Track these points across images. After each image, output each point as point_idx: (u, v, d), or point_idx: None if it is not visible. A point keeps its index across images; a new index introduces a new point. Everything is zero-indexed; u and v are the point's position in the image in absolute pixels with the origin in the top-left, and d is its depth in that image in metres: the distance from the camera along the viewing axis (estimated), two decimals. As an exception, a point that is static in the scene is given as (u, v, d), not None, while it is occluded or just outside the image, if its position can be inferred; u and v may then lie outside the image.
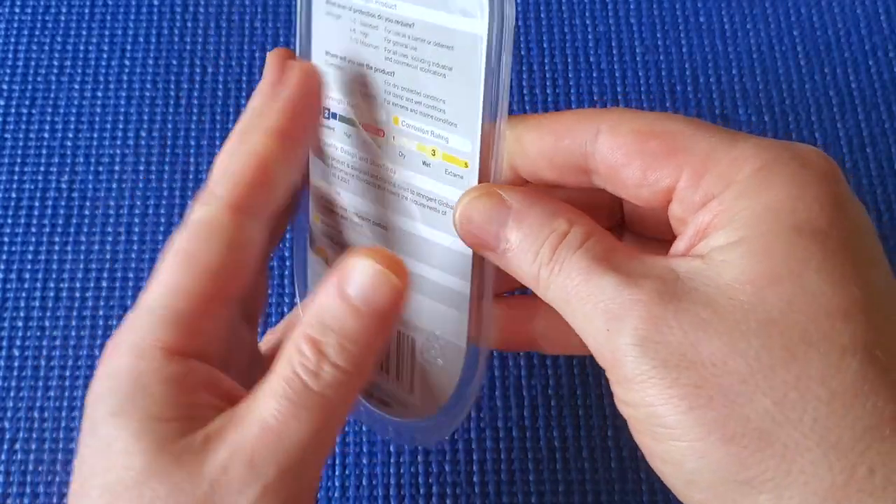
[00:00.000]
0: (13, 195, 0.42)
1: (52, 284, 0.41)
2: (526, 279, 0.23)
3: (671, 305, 0.20)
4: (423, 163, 0.25)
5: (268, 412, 0.22)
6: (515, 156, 0.25)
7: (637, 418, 0.21)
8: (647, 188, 0.23)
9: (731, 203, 0.21)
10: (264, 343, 0.31)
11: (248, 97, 0.44)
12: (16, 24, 0.46)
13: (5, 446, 0.38)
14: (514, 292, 0.30)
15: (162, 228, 0.42)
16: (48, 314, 0.40)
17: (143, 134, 0.44)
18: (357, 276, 0.23)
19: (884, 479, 0.18)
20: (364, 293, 0.22)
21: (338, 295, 0.23)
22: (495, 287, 0.26)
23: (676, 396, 0.20)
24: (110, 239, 0.42)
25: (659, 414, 0.20)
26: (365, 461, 0.37)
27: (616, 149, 0.23)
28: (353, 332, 0.22)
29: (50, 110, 0.44)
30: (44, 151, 0.43)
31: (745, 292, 0.20)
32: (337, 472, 0.37)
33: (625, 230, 0.29)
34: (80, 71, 0.45)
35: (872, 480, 0.18)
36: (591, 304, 0.21)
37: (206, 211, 0.24)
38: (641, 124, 0.23)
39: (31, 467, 0.37)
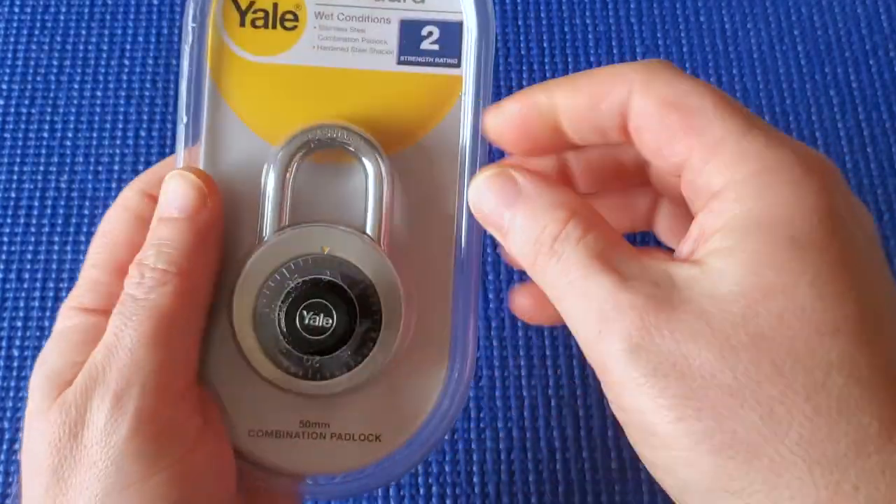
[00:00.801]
0: (13, 195, 0.42)
1: (51, 284, 0.41)
2: (524, 263, 0.24)
3: (664, 314, 0.20)
4: None
5: (107, 334, 0.24)
6: (555, 119, 0.25)
7: (630, 424, 0.21)
8: (661, 158, 0.23)
9: (730, 205, 0.21)
10: None
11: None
12: (15, 24, 0.46)
13: (5, 446, 0.38)
14: None
15: (161, 228, 0.42)
16: (48, 314, 0.40)
17: (143, 134, 0.44)
18: (165, 192, 0.26)
19: (867, 496, 0.19)
20: (171, 203, 0.26)
21: (156, 220, 0.26)
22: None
23: (665, 406, 0.20)
24: (110, 239, 0.42)
25: (649, 422, 0.20)
26: (365, 461, 0.38)
27: (640, 114, 0.23)
28: (169, 238, 0.25)
29: (49, 110, 0.44)
30: (43, 151, 0.43)
31: (737, 305, 0.20)
32: (337, 473, 0.37)
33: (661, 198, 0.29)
34: (79, 70, 0.45)
35: (857, 497, 0.19)
36: (584, 302, 0.21)
37: (123, 192, 0.27)
38: (669, 92, 0.23)
39: (30, 467, 0.37)
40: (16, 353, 0.39)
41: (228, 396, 0.27)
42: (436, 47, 0.28)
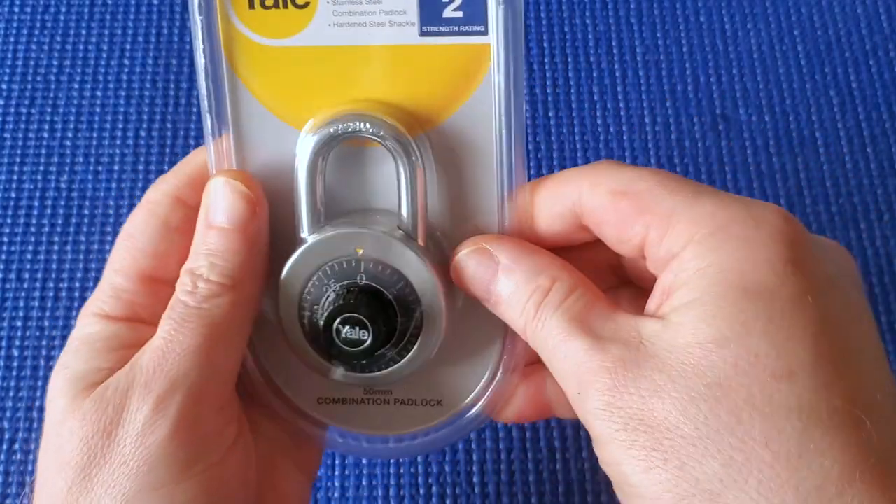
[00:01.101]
0: (13, 195, 0.42)
1: (51, 284, 0.41)
2: (517, 330, 0.25)
3: (631, 373, 0.22)
4: None
5: (157, 338, 0.25)
6: (535, 220, 0.27)
7: (612, 476, 0.22)
8: (624, 244, 0.24)
9: (687, 263, 0.22)
10: None
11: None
12: (15, 24, 0.46)
13: (5, 446, 0.38)
14: None
15: (161, 228, 0.42)
16: (48, 314, 0.40)
17: (143, 134, 0.44)
18: (212, 199, 0.26)
19: None
20: (219, 211, 0.25)
21: (204, 226, 0.26)
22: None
23: (635, 458, 0.21)
24: (110, 239, 0.42)
25: (624, 472, 0.21)
26: (365, 461, 0.37)
27: (594, 210, 0.25)
28: (221, 249, 0.25)
29: (49, 110, 0.44)
30: (43, 151, 0.43)
31: (694, 356, 0.21)
32: (337, 473, 0.37)
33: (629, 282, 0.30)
34: (79, 71, 0.45)
35: None
36: (566, 365, 0.23)
37: (151, 194, 0.27)
38: (617, 183, 0.24)
39: (30, 467, 0.37)
40: (16, 353, 0.39)
41: (293, 373, 0.28)
42: (459, 14, 0.26)
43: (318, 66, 0.26)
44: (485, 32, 0.26)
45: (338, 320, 0.26)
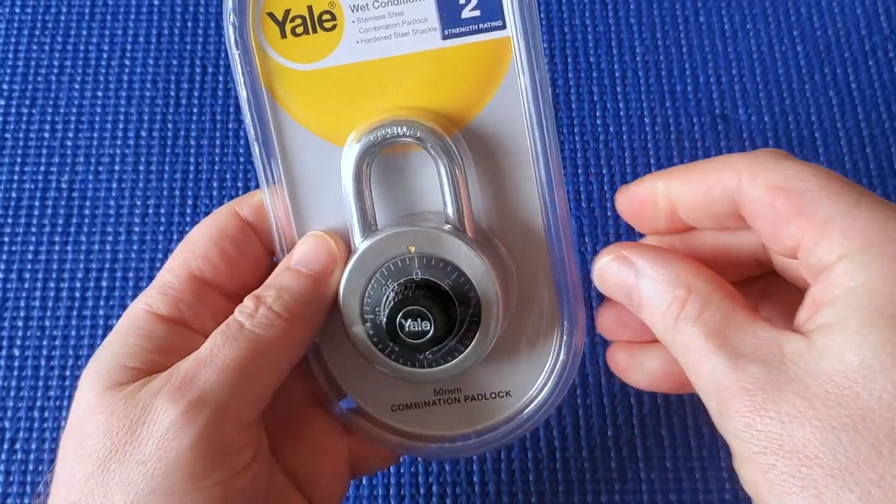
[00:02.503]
0: (13, 195, 0.42)
1: (52, 284, 0.41)
2: (656, 334, 0.25)
3: (772, 396, 0.22)
4: None
5: (203, 349, 0.25)
6: (672, 206, 0.27)
7: (748, 492, 0.23)
8: (777, 243, 0.24)
9: (837, 279, 0.22)
10: None
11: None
12: (16, 24, 0.46)
13: (5, 446, 0.38)
14: None
15: (162, 228, 0.42)
16: (48, 314, 0.40)
17: (143, 134, 0.44)
18: (299, 248, 0.28)
19: None
20: (303, 257, 0.27)
21: (283, 267, 0.28)
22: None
23: (773, 482, 0.21)
24: (110, 239, 0.42)
25: (761, 493, 0.22)
26: (365, 461, 0.38)
27: (751, 202, 0.24)
28: (291, 286, 0.27)
29: (50, 110, 0.44)
30: (44, 151, 0.43)
31: (839, 385, 0.21)
32: (337, 472, 0.37)
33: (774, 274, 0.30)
34: (80, 71, 0.45)
35: None
36: (704, 382, 0.23)
37: (216, 210, 0.29)
38: (776, 178, 0.24)
39: (31, 467, 0.37)
40: (16, 352, 0.39)
41: (364, 384, 0.29)
42: (477, 13, 0.27)
43: (350, 82, 0.28)
44: (503, 27, 0.27)
45: (399, 315, 0.27)
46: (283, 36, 0.27)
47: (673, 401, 0.38)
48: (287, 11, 0.27)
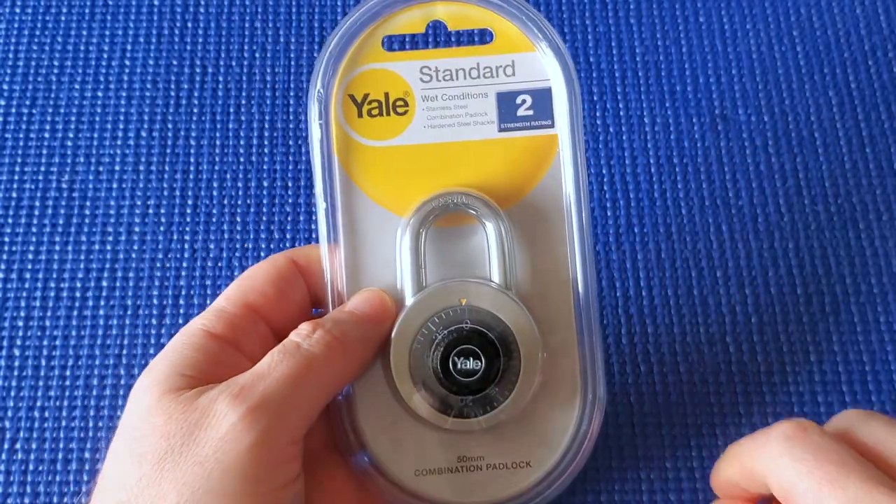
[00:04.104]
0: (13, 195, 0.42)
1: (52, 284, 0.41)
2: None
3: None
4: None
5: (261, 364, 0.27)
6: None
7: None
8: None
9: None
10: None
11: (247, 97, 0.44)
12: (16, 24, 0.46)
13: (6, 446, 0.38)
14: None
15: (162, 228, 0.42)
16: (48, 314, 0.40)
17: (143, 134, 0.44)
18: (355, 298, 0.30)
19: None
20: (358, 304, 0.30)
21: (339, 309, 0.30)
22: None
23: None
24: (110, 239, 0.42)
25: None
26: (365, 461, 0.38)
27: (778, 488, 0.25)
28: (347, 320, 0.29)
29: (50, 110, 0.44)
30: (44, 151, 0.43)
31: None
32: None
33: None
34: (80, 71, 0.45)
35: None
36: None
37: (273, 255, 0.31)
38: (791, 476, 0.24)
39: (31, 467, 0.37)
40: (17, 352, 0.39)
41: (391, 443, 0.30)
42: (530, 112, 0.32)
43: (415, 160, 0.32)
44: (552, 126, 0.32)
45: (453, 353, 0.29)
46: (360, 115, 0.31)
47: (673, 401, 0.38)
48: (366, 95, 0.31)
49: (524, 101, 0.32)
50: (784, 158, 0.44)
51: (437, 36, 0.44)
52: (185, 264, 0.41)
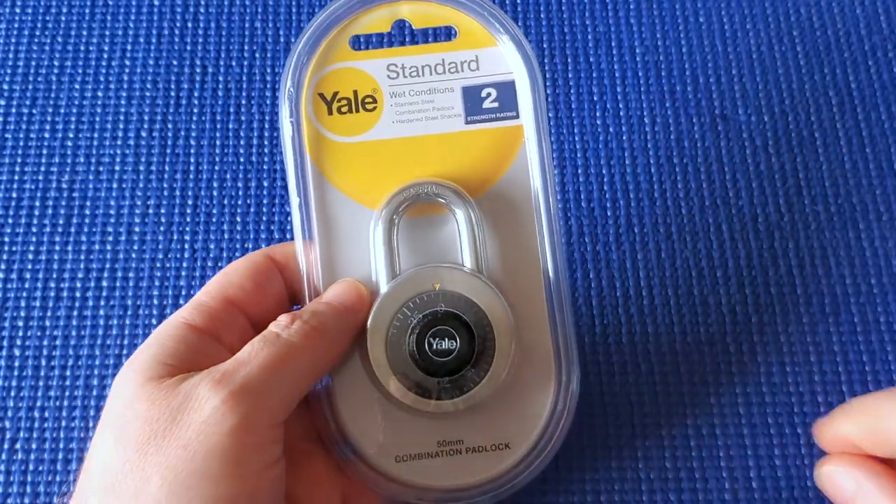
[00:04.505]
0: (14, 195, 0.42)
1: (52, 284, 0.41)
2: None
3: None
4: None
5: (242, 352, 0.27)
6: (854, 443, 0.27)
7: None
8: None
9: None
10: None
11: (248, 97, 0.44)
12: (16, 25, 0.46)
13: (6, 446, 0.38)
14: None
15: (162, 228, 0.42)
16: (48, 314, 0.40)
17: (143, 134, 0.44)
18: (331, 289, 0.31)
19: None
20: (334, 296, 0.31)
21: (316, 301, 0.31)
22: None
23: None
24: (110, 239, 0.42)
25: None
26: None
27: None
28: (324, 311, 0.30)
29: (50, 110, 0.44)
30: (44, 151, 0.43)
31: None
32: (337, 472, 0.37)
33: None
34: (80, 71, 0.45)
35: None
36: None
37: (251, 252, 0.32)
38: None
39: (31, 467, 0.37)
40: (17, 352, 0.39)
41: (371, 431, 0.31)
42: (495, 105, 0.33)
43: (384, 154, 0.32)
44: (517, 117, 0.33)
45: (429, 333, 0.30)
46: (330, 113, 0.32)
47: (673, 401, 0.38)
48: (335, 93, 0.32)
49: (489, 94, 0.33)
50: (784, 158, 0.44)
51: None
52: (185, 264, 0.41)
